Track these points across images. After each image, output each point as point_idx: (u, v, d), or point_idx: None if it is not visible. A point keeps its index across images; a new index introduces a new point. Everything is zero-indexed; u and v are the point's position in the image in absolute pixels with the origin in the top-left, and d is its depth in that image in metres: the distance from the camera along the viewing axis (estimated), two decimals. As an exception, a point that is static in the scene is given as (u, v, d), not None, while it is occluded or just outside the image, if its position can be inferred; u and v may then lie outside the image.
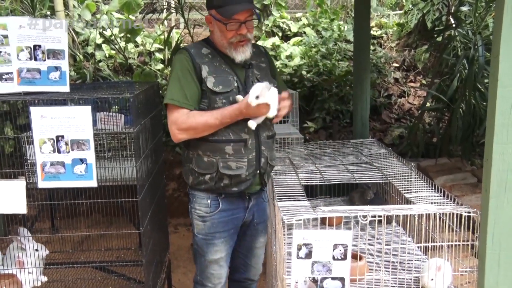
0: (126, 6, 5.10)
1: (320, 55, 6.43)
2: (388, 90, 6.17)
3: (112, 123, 2.86)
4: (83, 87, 3.01)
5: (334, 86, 5.82)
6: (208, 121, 2.02)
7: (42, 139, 2.07)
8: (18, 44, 2.22)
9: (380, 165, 2.53)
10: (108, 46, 6.21)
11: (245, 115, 2.00)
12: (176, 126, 2.05)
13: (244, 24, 2.04)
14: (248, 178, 2.12)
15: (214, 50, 2.12)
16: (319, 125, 5.53)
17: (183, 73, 2.06)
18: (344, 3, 7.70)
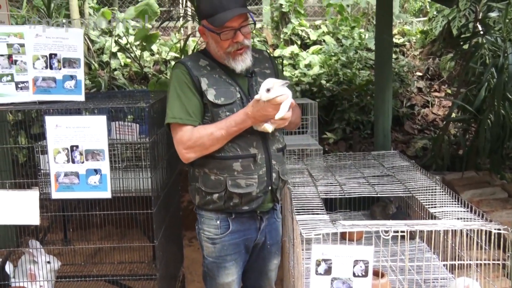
0: (142, 14, 5.19)
1: (340, 64, 6.43)
2: (411, 100, 6.12)
3: (126, 133, 2.90)
4: (98, 96, 3.07)
5: (354, 95, 5.81)
6: (213, 133, 1.93)
7: (56, 149, 2.11)
8: (34, 53, 2.28)
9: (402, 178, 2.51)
10: (123, 55, 6.33)
11: (251, 118, 1.89)
12: (182, 145, 1.97)
13: (239, 30, 1.95)
14: (259, 196, 2.04)
15: (212, 61, 2.04)
16: (338, 136, 5.51)
17: (182, 88, 1.98)
18: (365, 10, 7.71)
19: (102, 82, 5.46)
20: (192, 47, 6.36)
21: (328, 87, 5.86)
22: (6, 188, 2.31)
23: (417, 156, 5.26)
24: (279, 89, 1.84)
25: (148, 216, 2.22)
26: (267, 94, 1.83)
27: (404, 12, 8.21)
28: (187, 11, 5.59)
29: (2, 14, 3.05)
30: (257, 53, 2.15)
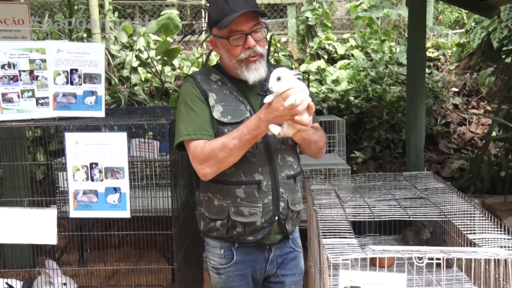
0: (163, 28, 5.32)
1: (369, 79, 6.41)
2: (446, 117, 6.04)
3: (146, 150, 2.95)
4: (118, 112, 3.14)
5: (384, 112, 5.77)
6: (226, 144, 1.82)
7: (75, 166, 2.16)
8: (56, 68, 2.36)
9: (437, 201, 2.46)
10: (144, 69, 6.47)
11: (264, 122, 1.75)
12: (196, 160, 1.89)
13: (250, 35, 1.89)
14: (264, 226, 1.95)
15: (224, 76, 2.00)
16: (368, 155, 5.47)
17: (192, 101, 1.93)
18: (396, 23, 7.70)
19: (122, 98, 5.58)
20: (214, 62, 6.45)
21: (356, 104, 5.85)
22: (24, 206, 2.37)
23: (453, 178, 5.17)
24: (291, 80, 1.68)
25: (168, 237, 2.24)
26: (278, 83, 1.68)
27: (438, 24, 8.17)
28: (210, 25, 5.69)
29: (25, 29, 3.17)
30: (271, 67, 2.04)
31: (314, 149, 2.00)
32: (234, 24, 1.88)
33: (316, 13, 7.38)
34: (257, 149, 1.91)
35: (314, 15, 7.37)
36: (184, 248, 2.42)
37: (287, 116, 1.71)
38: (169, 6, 8.98)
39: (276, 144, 1.94)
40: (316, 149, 2.00)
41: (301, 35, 7.71)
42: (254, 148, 1.90)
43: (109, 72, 6.28)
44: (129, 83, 6.08)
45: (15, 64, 2.36)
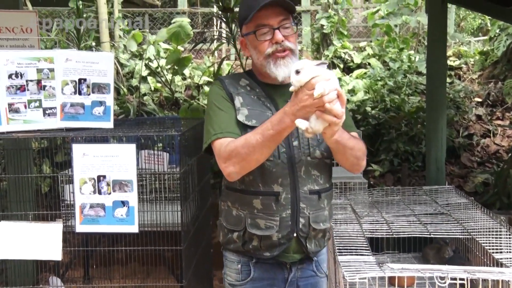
0: (174, 36, 5.38)
1: (387, 89, 6.39)
2: (468, 129, 5.98)
3: (155, 162, 2.97)
4: (126, 123, 3.17)
5: (403, 124, 5.74)
6: (248, 139, 1.77)
7: (82, 179, 2.18)
8: (64, 78, 2.39)
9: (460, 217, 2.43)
10: (153, 79, 6.53)
11: (289, 115, 1.66)
12: (220, 158, 1.86)
13: (278, 30, 1.88)
14: (282, 242, 1.90)
15: (254, 81, 2.00)
16: (385, 169, 5.43)
17: (219, 102, 1.94)
18: (415, 30, 7.69)
19: (131, 108, 5.63)
20: (226, 71, 6.49)
21: (373, 115, 5.83)
22: (29, 219, 2.39)
23: (476, 193, 5.10)
24: (314, 69, 1.59)
25: (177, 253, 2.23)
26: (297, 76, 1.60)
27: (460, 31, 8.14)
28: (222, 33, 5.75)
29: (33, 38, 3.22)
30: None
31: (350, 157, 1.87)
32: (261, 18, 1.89)
33: (332, 21, 7.41)
34: (279, 159, 1.88)
35: (330, 23, 7.40)
36: (193, 265, 2.42)
37: (314, 107, 1.60)
38: (180, 13, 9.10)
39: (301, 155, 1.89)
40: (353, 158, 1.87)
41: (316, 43, 7.73)
42: (276, 157, 1.88)
43: (118, 82, 6.35)
44: (138, 93, 6.13)
45: (22, 74, 2.39)
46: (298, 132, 1.88)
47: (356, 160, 1.88)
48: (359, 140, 1.91)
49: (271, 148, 1.77)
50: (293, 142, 1.89)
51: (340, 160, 1.89)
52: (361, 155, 1.89)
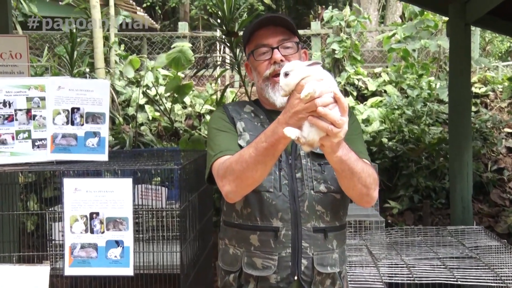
0: (174, 61, 5.46)
1: (405, 118, 6.42)
2: (498, 162, 5.96)
3: (152, 197, 2.98)
4: (121, 155, 3.19)
5: (423, 157, 5.73)
6: (241, 154, 1.73)
7: (73, 216, 2.19)
8: (55, 107, 2.43)
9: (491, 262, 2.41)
10: (151, 107, 6.60)
11: (282, 124, 1.58)
12: (218, 177, 1.84)
13: (277, 49, 1.91)
14: (281, 286, 1.85)
15: (259, 109, 2.03)
16: (405, 206, 5.40)
17: (219, 125, 1.98)
18: (435, 55, 7.77)
19: (126, 139, 5.67)
20: (230, 99, 6.55)
21: (390, 147, 5.83)
22: (12, 262, 2.39)
23: (510, 234, 5.04)
24: (304, 70, 1.53)
25: (175, 299, 2.21)
26: (286, 79, 1.54)
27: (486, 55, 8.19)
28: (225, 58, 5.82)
29: (22, 64, 3.29)
30: None
31: (358, 184, 1.75)
32: (260, 37, 1.94)
33: (344, 45, 7.51)
34: (280, 191, 1.87)
35: (342, 47, 7.50)
36: (193, 312, 2.39)
37: (306, 112, 1.52)
38: (180, 38, 9.26)
39: (304, 188, 1.87)
40: (362, 185, 1.75)
41: (327, 69, 7.80)
42: (277, 189, 1.87)
43: (113, 110, 6.42)
44: (135, 123, 6.19)
45: (11, 103, 2.43)
46: (301, 163, 1.88)
47: (366, 189, 1.77)
48: (369, 165, 1.84)
49: (267, 165, 1.71)
50: (296, 174, 1.88)
51: (346, 187, 1.80)
52: (371, 182, 1.78)
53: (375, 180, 1.81)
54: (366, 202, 1.85)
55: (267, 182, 1.85)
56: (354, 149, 1.80)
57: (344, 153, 1.65)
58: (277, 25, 1.96)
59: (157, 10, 15.49)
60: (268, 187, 1.87)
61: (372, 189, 1.79)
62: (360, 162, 1.74)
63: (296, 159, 1.89)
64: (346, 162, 1.67)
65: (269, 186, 1.87)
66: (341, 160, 1.65)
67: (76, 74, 6.03)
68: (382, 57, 9.39)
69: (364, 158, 1.91)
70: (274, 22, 1.96)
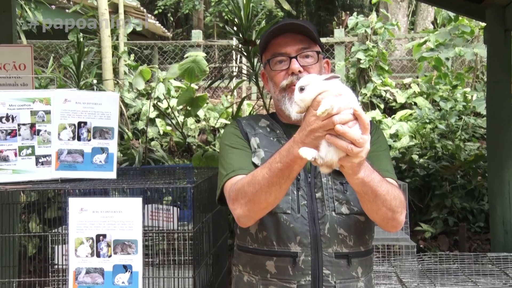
0: (187, 72, 5.50)
1: (437, 133, 6.37)
2: (541, 181, 5.88)
3: (163, 218, 2.98)
4: (130, 172, 3.21)
5: (459, 175, 5.67)
6: (254, 175, 1.72)
7: (79, 239, 2.19)
8: (61, 121, 2.46)
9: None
10: (163, 121, 6.65)
11: (298, 143, 1.58)
12: (230, 200, 1.84)
13: (295, 59, 1.91)
14: None
15: (276, 123, 2.03)
16: (438, 229, 5.34)
17: (232, 141, 1.97)
18: (471, 64, 7.72)
19: (136, 155, 5.71)
20: (247, 113, 6.57)
21: (422, 164, 5.78)
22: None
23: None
24: (320, 84, 1.52)
25: (187, 330, 2.20)
26: (301, 94, 1.54)
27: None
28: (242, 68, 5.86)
29: (26, 76, 3.33)
30: None
31: (382, 207, 1.73)
32: (277, 45, 1.94)
33: (370, 54, 7.51)
34: (299, 213, 1.85)
35: (368, 56, 7.50)
36: None
37: (323, 130, 1.50)
38: (194, 47, 9.36)
39: (325, 210, 1.85)
40: (387, 208, 1.74)
41: (352, 80, 7.82)
42: (295, 210, 1.85)
43: (122, 125, 6.48)
44: (145, 137, 6.23)
45: (14, 117, 2.46)
46: (321, 182, 1.86)
47: (391, 213, 1.75)
48: (395, 187, 1.81)
49: (282, 187, 1.70)
50: (316, 194, 1.87)
51: (370, 210, 1.78)
52: (397, 205, 1.76)
53: (402, 202, 1.79)
54: (392, 226, 1.84)
55: (284, 203, 1.84)
56: (379, 167, 1.79)
57: (366, 174, 1.64)
58: (296, 32, 1.96)
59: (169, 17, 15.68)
60: (285, 208, 1.85)
61: (398, 212, 1.78)
62: (385, 183, 1.72)
63: (316, 177, 1.88)
64: (369, 184, 1.65)
65: (286, 207, 1.85)
66: (363, 182, 1.64)
67: (83, 86, 6.11)
68: (412, 67, 9.37)
69: (390, 177, 1.90)
70: (293, 29, 1.96)
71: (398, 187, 1.83)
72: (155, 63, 9.21)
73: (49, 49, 9.00)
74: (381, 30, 7.81)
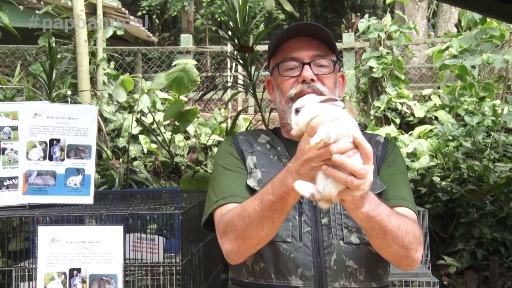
0: (176, 83, 5.51)
1: (462, 152, 6.38)
2: None
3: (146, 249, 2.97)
4: (110, 197, 3.21)
5: (488, 201, 5.67)
6: (245, 207, 1.74)
7: (49, 274, 2.19)
8: (30, 139, 2.47)
9: None
10: (147, 138, 6.65)
11: (292, 174, 1.59)
12: (218, 232, 1.87)
13: (308, 66, 1.93)
14: None
15: (277, 139, 2.06)
16: (465, 263, 5.32)
17: (226, 161, 2.00)
18: (501, 72, 7.74)
19: (116, 177, 5.70)
20: (243, 128, 6.59)
21: (444, 187, 5.78)
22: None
23: None
24: (315, 107, 1.54)
25: None
26: (296, 117, 1.57)
27: None
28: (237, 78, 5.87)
29: (-12, 86, 3.35)
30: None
31: (393, 245, 1.74)
32: (289, 49, 1.97)
33: (384, 62, 7.54)
34: (301, 241, 1.86)
35: (381, 64, 7.53)
36: None
37: (320, 160, 1.50)
38: (182, 53, 9.41)
39: (332, 238, 1.87)
40: (398, 246, 1.74)
41: (363, 91, 7.85)
42: (296, 239, 1.86)
43: (100, 142, 6.48)
44: (127, 157, 6.23)
45: (-25, 134, 2.47)
46: None
47: (404, 250, 1.77)
48: (409, 220, 1.81)
49: (275, 222, 1.72)
50: (322, 219, 1.88)
51: (379, 248, 1.80)
52: (410, 242, 1.77)
53: (417, 238, 1.80)
54: (406, 265, 1.84)
55: (284, 230, 1.85)
56: (395, 194, 1.82)
57: (372, 208, 1.64)
58: (313, 36, 1.98)
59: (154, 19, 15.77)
60: (285, 236, 1.87)
61: (412, 250, 1.79)
62: (395, 216, 1.73)
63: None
64: (375, 219, 1.66)
65: (286, 234, 1.87)
66: (368, 216, 1.65)
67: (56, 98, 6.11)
68: (432, 76, 9.42)
69: (407, 207, 1.92)
70: (310, 33, 1.98)
71: (413, 221, 1.84)
72: (138, 72, 9.25)
73: (15, 55, 9.03)
74: (396, 34, 7.85)
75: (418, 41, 9.94)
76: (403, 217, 1.79)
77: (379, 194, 1.92)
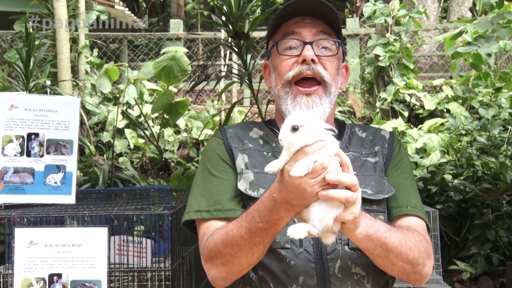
0: (165, 72, 5.50)
1: (476, 148, 6.39)
2: None
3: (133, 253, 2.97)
4: (93, 196, 3.21)
5: (504, 201, 5.68)
6: (229, 234, 1.76)
7: (27, 280, 2.19)
8: (6, 133, 2.46)
9: None
10: (133, 132, 6.65)
11: (281, 204, 1.61)
12: (201, 255, 1.89)
13: (310, 45, 1.93)
14: None
15: (271, 132, 2.04)
16: (479, 269, 5.33)
17: (213, 164, 1.99)
18: (517, 62, 7.75)
19: (100, 174, 5.70)
20: (238, 121, 6.58)
21: (456, 186, 5.79)
22: None
23: None
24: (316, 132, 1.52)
25: None
26: (293, 135, 1.52)
27: None
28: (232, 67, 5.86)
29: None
30: (362, 129, 2.12)
31: (398, 262, 1.78)
32: (291, 26, 1.97)
33: (391, 49, 7.53)
34: (301, 247, 1.86)
35: (388, 52, 7.53)
36: None
37: (312, 191, 1.53)
38: (172, 40, 9.39)
39: (336, 243, 1.86)
40: (404, 263, 1.77)
41: (368, 81, 7.85)
42: (296, 245, 1.86)
43: (82, 137, 6.47)
44: (112, 153, 6.23)
45: None
46: None
47: (411, 266, 1.80)
48: (411, 233, 1.83)
49: (266, 245, 1.76)
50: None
51: (384, 267, 1.83)
52: (416, 257, 1.80)
53: (423, 252, 1.82)
54: (415, 280, 1.87)
55: (283, 235, 1.82)
56: (406, 201, 1.87)
57: (369, 225, 1.68)
58: (317, 16, 1.98)
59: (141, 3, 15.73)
60: (284, 241, 1.87)
61: (419, 265, 1.82)
62: (394, 232, 1.76)
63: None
64: (375, 236, 1.70)
65: (285, 240, 1.86)
66: (367, 235, 1.69)
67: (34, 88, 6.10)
68: (443, 65, 9.43)
69: (418, 215, 1.93)
70: (314, 11, 1.97)
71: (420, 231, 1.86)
72: (124, 60, 9.23)
73: (-11, 42, 9.00)
74: (405, 20, 7.84)
75: (428, 26, 9.93)
76: (404, 231, 1.82)
77: (387, 199, 1.95)
